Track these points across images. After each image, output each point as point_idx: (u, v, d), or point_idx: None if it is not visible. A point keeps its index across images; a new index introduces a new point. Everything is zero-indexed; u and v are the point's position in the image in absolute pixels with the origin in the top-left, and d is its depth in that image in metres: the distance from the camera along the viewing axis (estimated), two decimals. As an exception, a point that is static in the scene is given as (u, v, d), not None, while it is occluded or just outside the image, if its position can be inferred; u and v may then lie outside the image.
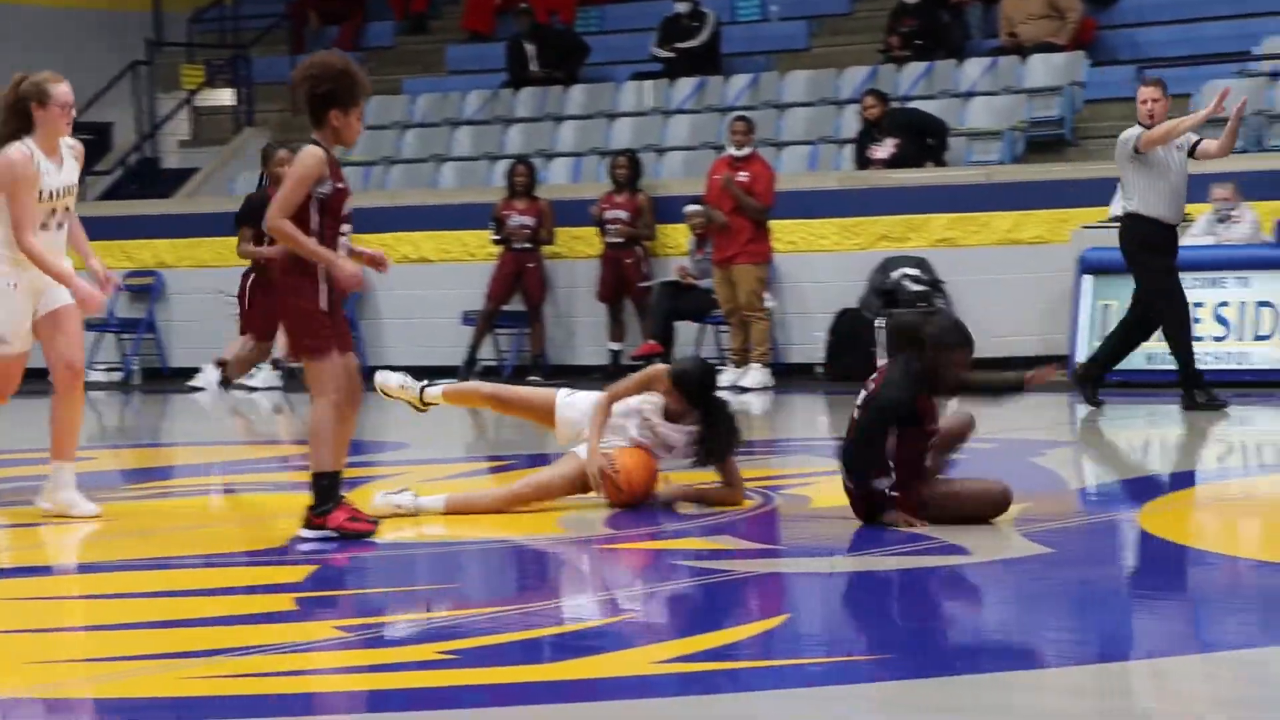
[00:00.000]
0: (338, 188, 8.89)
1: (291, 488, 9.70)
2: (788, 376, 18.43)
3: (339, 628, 7.34)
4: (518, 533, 9.59)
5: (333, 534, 8.90)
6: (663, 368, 9.92)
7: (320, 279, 8.90)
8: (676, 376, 9.84)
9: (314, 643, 7.12)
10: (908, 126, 19.37)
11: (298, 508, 9.05)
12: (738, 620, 7.39)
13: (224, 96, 25.49)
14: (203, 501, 11.11)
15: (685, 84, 22.13)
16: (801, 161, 20.40)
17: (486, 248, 19.70)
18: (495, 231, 19.54)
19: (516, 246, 19.48)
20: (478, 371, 19.38)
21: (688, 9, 22.41)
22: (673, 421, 9.82)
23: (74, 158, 9.85)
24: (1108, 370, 14.47)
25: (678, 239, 19.27)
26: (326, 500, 8.93)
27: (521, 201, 19.50)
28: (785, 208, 18.18)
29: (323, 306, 8.90)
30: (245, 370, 17.79)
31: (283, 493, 10.26)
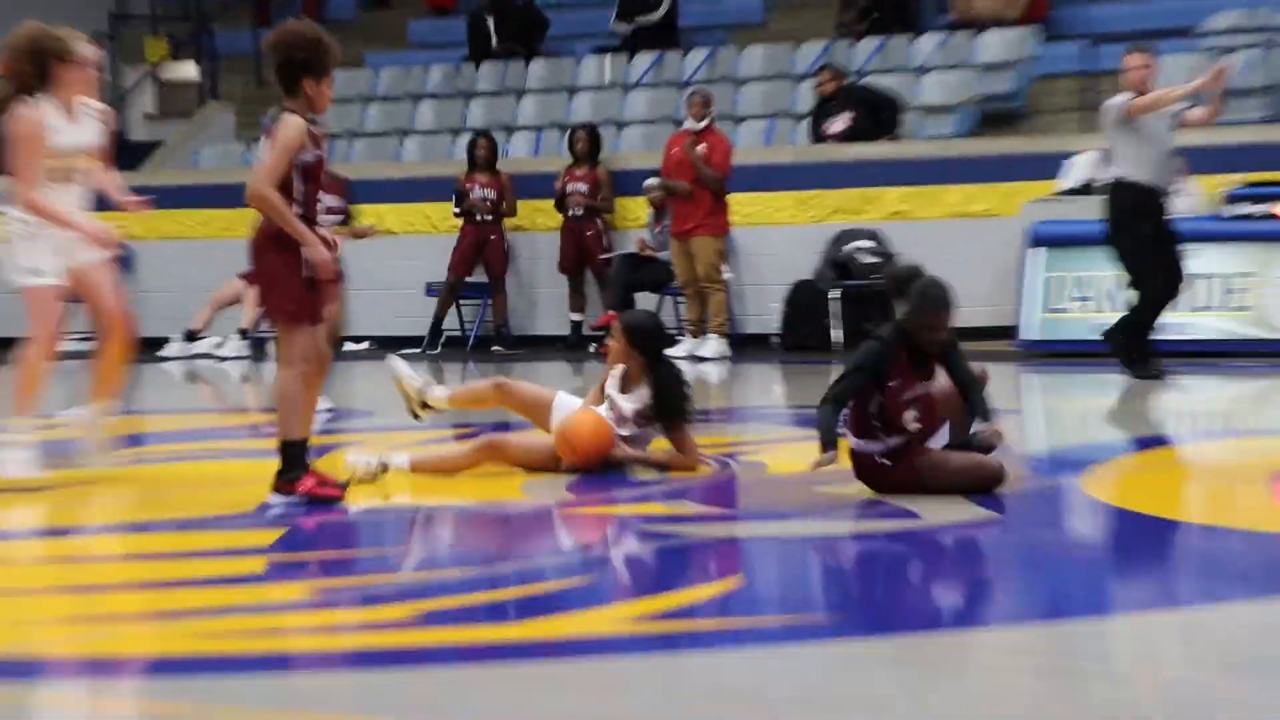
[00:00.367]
0: (318, 155, 8.97)
1: (261, 455, 9.75)
2: (744, 346, 18.49)
3: (310, 589, 7.40)
4: (484, 498, 9.65)
5: (301, 500, 8.99)
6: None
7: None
8: (629, 327, 9.94)
9: (286, 603, 7.18)
10: (862, 101, 19.44)
11: (267, 474, 9.08)
12: (697, 582, 7.45)
13: (188, 70, 25.43)
14: (175, 468, 11.14)
15: (643, 59, 22.15)
16: (758, 136, 20.46)
17: (449, 220, 19.75)
18: (457, 204, 19.60)
19: (479, 219, 19.55)
20: (443, 342, 19.48)
21: (646, -16, 22.45)
22: (624, 394, 9.94)
23: (98, 120, 9.83)
24: (1144, 338, 14.30)
25: (637, 212, 19.34)
26: (294, 467, 9.00)
27: (483, 175, 19.56)
28: (742, 181, 18.24)
29: (304, 274, 8.95)
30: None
31: (252, 459, 10.30)
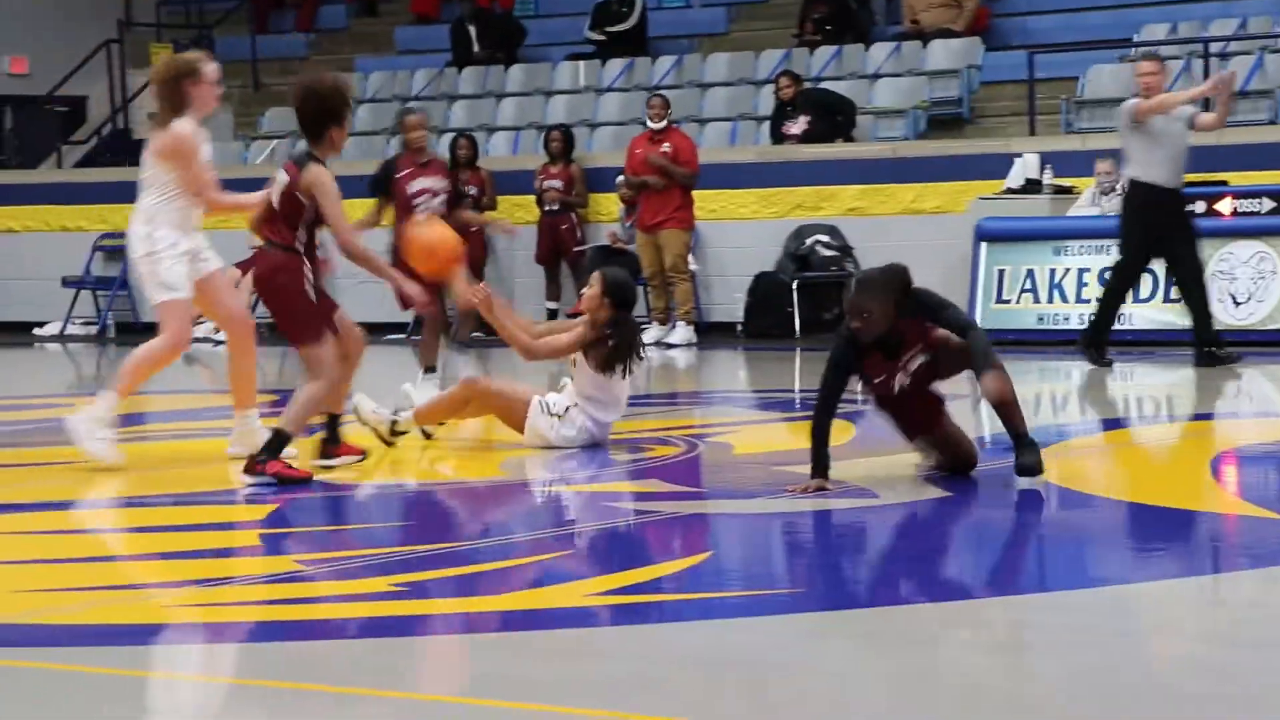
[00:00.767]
0: None
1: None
2: (709, 334, 18.42)
3: (299, 561, 7.33)
4: (462, 476, 9.57)
5: (271, 480, 8.88)
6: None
7: (304, 265, 8.94)
8: (607, 278, 9.87)
9: (276, 575, 7.10)
10: (819, 105, 19.36)
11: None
12: (665, 557, 7.38)
13: (191, 73, 25.27)
14: (174, 445, 11.08)
15: (615, 65, 22.07)
16: (722, 137, 20.38)
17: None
18: (440, 200, 19.46)
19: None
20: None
21: (619, -5, 22.39)
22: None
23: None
24: (1208, 332, 14.10)
25: (609, 207, 19.23)
26: (275, 453, 8.91)
27: (465, 172, 19.40)
28: (707, 178, 18.17)
29: (308, 290, 8.97)
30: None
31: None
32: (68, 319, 20.80)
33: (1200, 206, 15.28)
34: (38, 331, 20.75)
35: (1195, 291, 13.92)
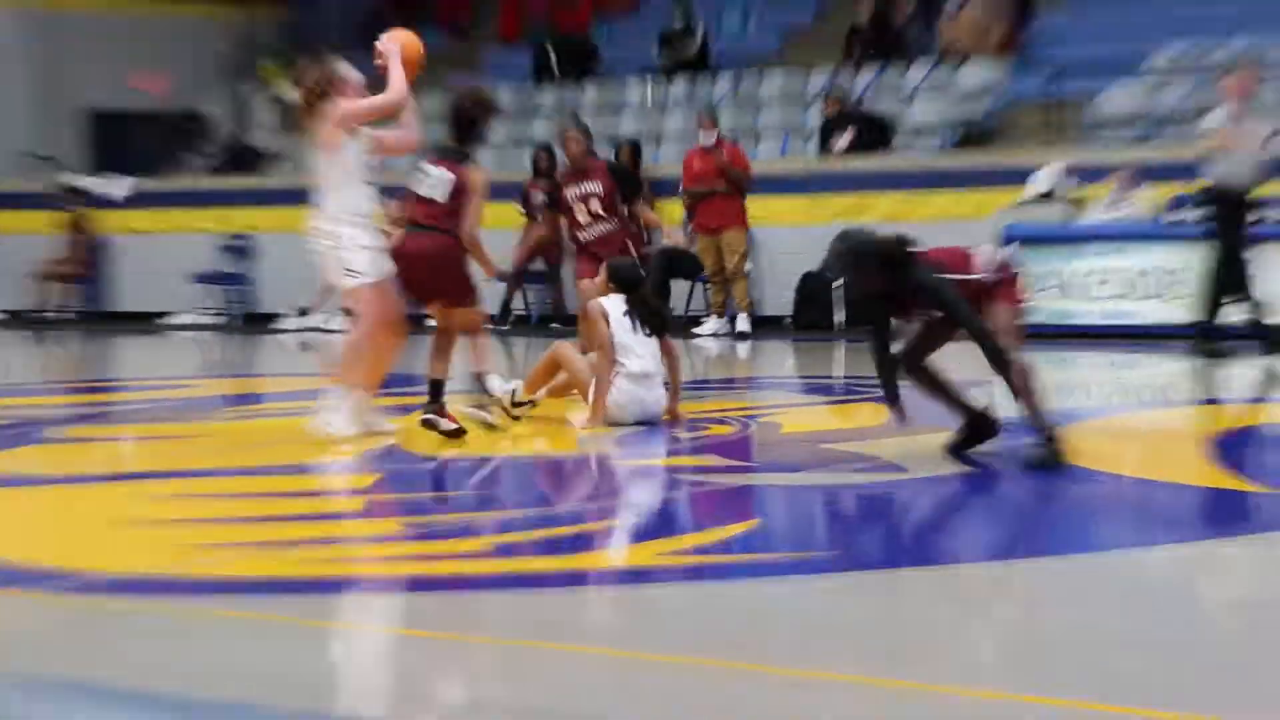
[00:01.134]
0: None
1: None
2: (761, 327, 18.46)
3: (401, 524, 7.44)
4: (545, 451, 9.68)
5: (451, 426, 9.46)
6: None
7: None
8: (611, 268, 10.31)
9: (381, 535, 7.25)
10: (862, 121, 19.42)
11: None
12: (721, 523, 7.46)
13: (304, 91, 25.44)
14: (291, 421, 11.21)
15: (680, 84, 22.14)
16: (775, 149, 20.43)
17: (517, 219, 19.75)
18: (523, 205, 19.60)
19: (540, 218, 19.52)
20: (511, 320, 19.51)
21: (682, 23, 22.44)
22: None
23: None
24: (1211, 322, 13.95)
25: (672, 213, 19.32)
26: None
27: (544, 181, 19.51)
28: (761, 187, 18.21)
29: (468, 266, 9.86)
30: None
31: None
32: (196, 310, 21.07)
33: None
34: (169, 320, 21.02)
35: (1221, 283, 13.69)
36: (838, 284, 15.67)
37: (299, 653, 5.31)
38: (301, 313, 19.53)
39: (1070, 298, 16.15)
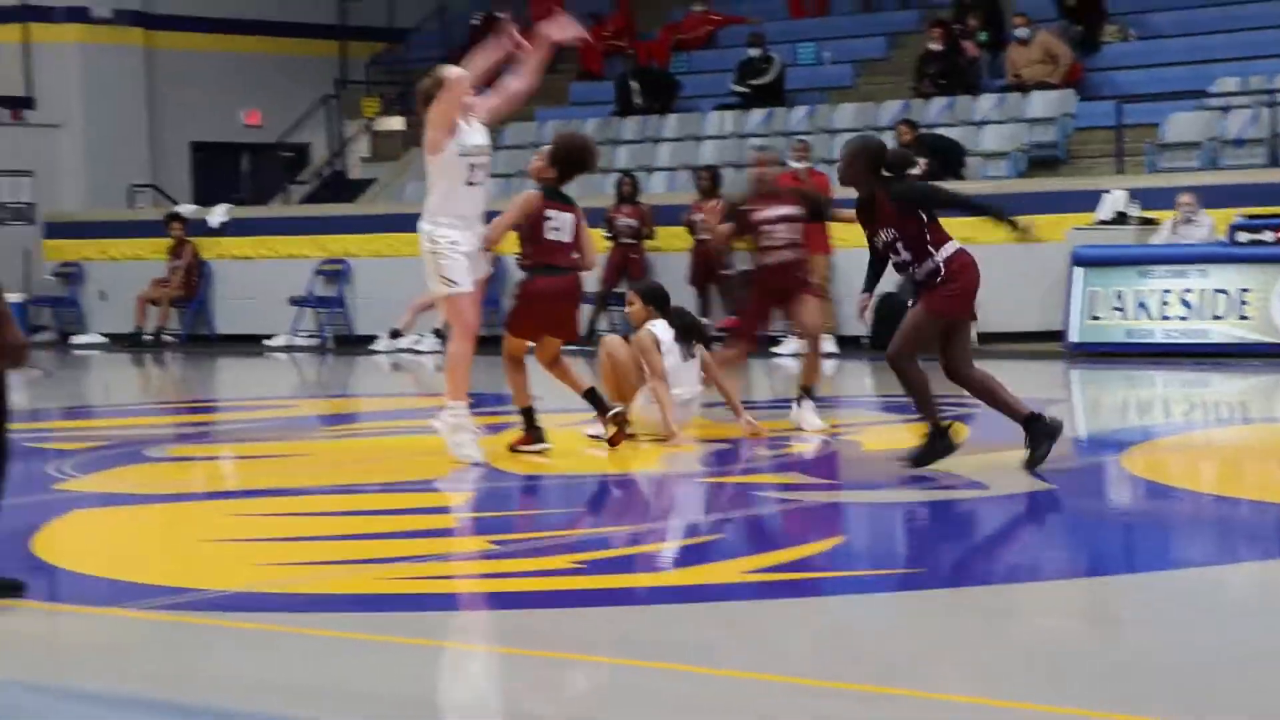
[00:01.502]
0: None
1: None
2: (841, 347, 18.29)
3: (491, 541, 7.32)
4: (629, 469, 9.55)
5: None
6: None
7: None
8: (644, 292, 10.72)
9: (471, 553, 7.11)
10: (934, 148, 19.20)
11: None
12: (805, 540, 7.34)
13: (396, 123, 25.49)
14: (383, 440, 11.12)
15: (757, 114, 21.99)
16: (850, 176, 20.22)
17: (601, 242, 19.61)
18: (607, 230, 19.46)
19: (623, 241, 19.39)
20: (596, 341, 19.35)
21: (759, 54, 22.30)
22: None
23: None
24: None
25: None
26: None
27: (628, 206, 19.42)
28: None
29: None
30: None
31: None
32: (292, 332, 21.04)
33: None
34: (267, 342, 21.01)
35: None
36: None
37: (392, 669, 5.18)
38: (394, 335, 19.44)
39: (1139, 319, 15.88)
